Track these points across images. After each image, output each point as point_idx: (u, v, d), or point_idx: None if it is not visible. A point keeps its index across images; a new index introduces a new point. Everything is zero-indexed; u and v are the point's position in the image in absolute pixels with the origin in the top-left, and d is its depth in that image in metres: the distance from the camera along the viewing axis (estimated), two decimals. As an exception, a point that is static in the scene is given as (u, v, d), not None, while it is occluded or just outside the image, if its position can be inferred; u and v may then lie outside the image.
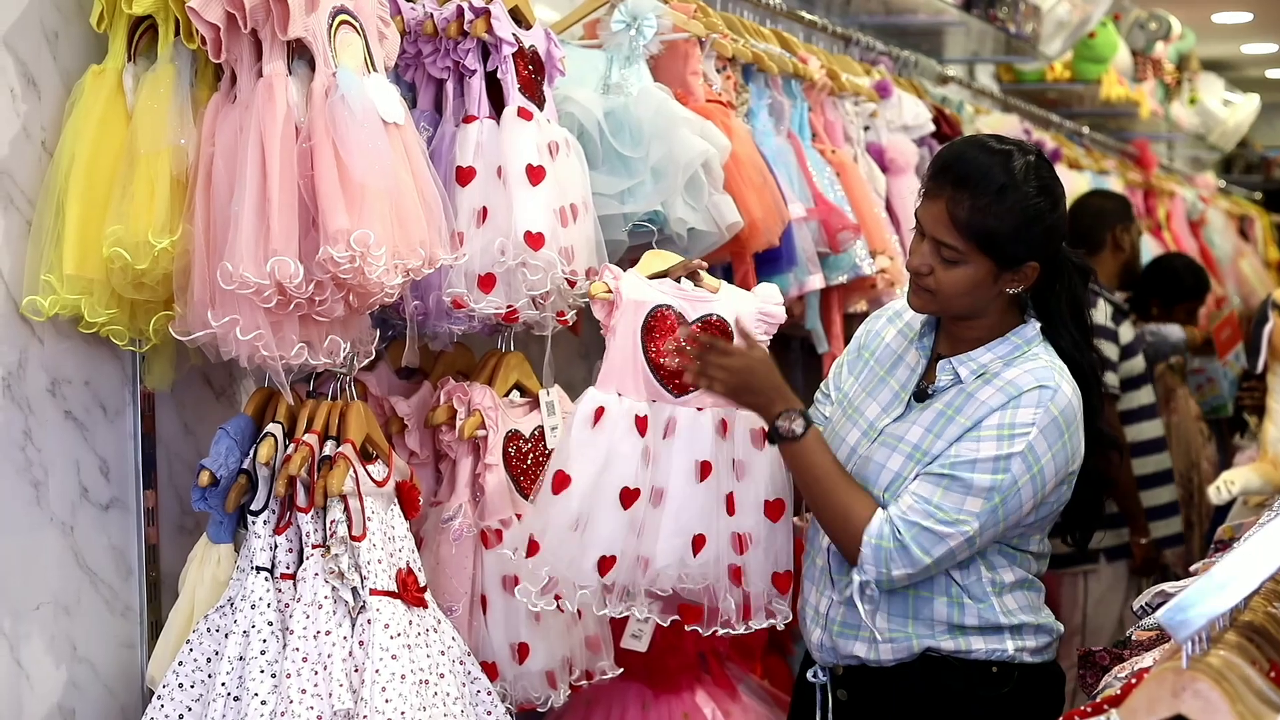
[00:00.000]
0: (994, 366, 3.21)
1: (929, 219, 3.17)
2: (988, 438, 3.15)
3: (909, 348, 3.36)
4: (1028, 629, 3.30)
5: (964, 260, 3.14)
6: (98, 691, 3.32)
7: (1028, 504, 3.18)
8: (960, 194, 3.12)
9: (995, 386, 3.18)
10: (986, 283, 3.18)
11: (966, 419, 3.18)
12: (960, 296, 3.19)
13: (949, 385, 3.24)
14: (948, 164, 3.20)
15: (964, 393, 3.21)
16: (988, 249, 3.13)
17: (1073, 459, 3.22)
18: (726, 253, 4.16)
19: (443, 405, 3.59)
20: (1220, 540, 3.87)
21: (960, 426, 3.18)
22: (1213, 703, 1.98)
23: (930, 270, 3.18)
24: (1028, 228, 3.15)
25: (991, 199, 3.12)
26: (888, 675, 3.28)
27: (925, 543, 3.14)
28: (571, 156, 3.64)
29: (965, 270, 3.16)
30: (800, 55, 4.86)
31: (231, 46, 3.10)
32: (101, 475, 3.32)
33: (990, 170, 3.15)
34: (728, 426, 3.37)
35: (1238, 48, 14.13)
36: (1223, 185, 13.33)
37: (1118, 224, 6.17)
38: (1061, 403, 3.18)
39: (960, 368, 3.23)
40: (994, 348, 3.24)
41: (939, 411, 3.22)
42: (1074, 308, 3.33)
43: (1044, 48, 7.61)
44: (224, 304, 3.00)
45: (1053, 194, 3.21)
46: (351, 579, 3.18)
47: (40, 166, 3.17)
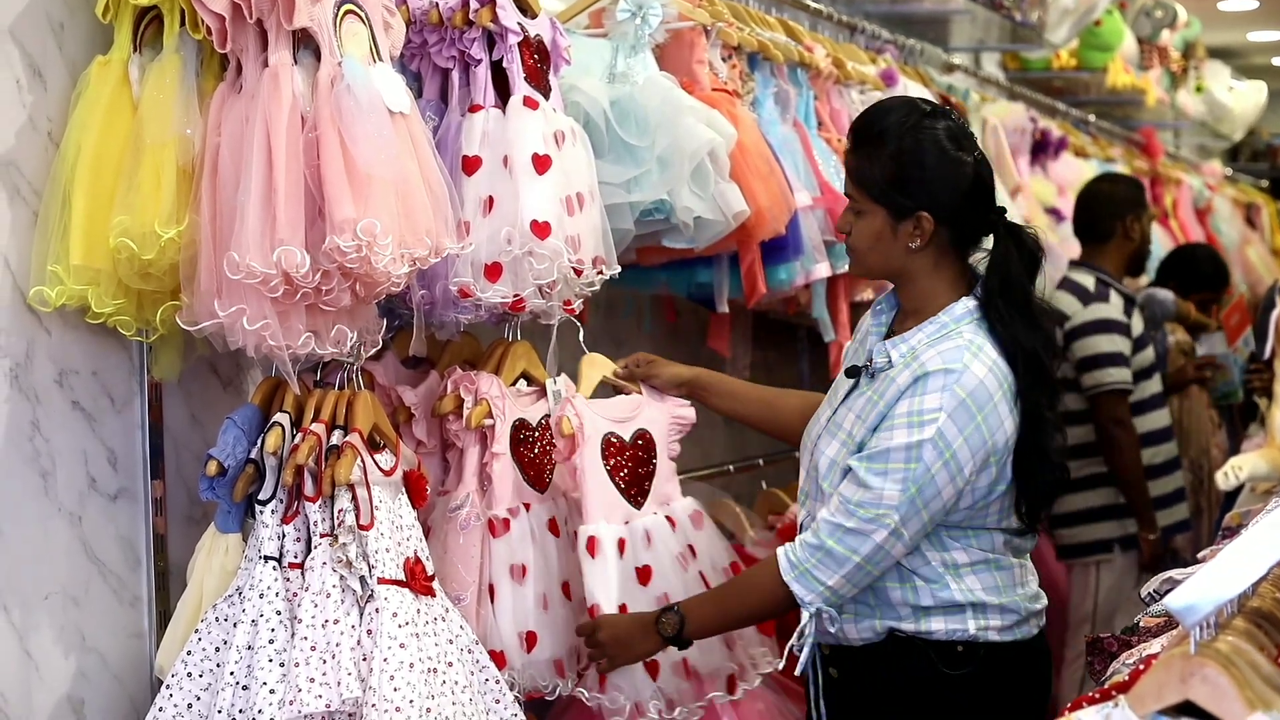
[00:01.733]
0: (919, 348, 3.27)
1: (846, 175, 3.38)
2: (899, 425, 3.21)
3: (870, 328, 3.47)
4: (991, 609, 3.34)
5: (865, 212, 3.31)
6: (106, 681, 3.33)
7: (946, 489, 3.22)
8: (855, 148, 3.34)
9: (911, 370, 3.24)
10: (888, 234, 3.30)
11: (885, 404, 3.25)
12: (870, 251, 3.33)
13: (884, 368, 3.30)
14: (852, 125, 3.42)
15: (889, 378, 3.27)
16: (877, 196, 3.29)
17: (990, 440, 3.23)
18: (733, 241, 4.16)
19: (450, 394, 3.59)
20: (1228, 527, 3.87)
21: (879, 413, 3.25)
22: (1221, 688, 1.98)
23: (848, 229, 3.37)
24: (905, 173, 3.26)
25: (873, 147, 3.30)
26: (861, 655, 3.38)
27: (850, 542, 3.22)
28: (578, 145, 3.64)
29: (867, 221, 3.31)
30: (806, 43, 4.85)
31: (237, 36, 3.10)
32: (109, 465, 3.32)
33: (873, 122, 3.35)
34: (674, 521, 3.71)
35: (1244, 35, 14.15)
36: (1229, 173, 13.32)
37: (1128, 213, 6.12)
38: (970, 384, 3.21)
39: (893, 350, 3.30)
40: (924, 328, 3.30)
41: (868, 397, 3.29)
42: (1006, 283, 3.34)
43: (1050, 35, 7.60)
44: (231, 294, 3.00)
45: (939, 145, 3.29)
46: (359, 568, 3.18)
47: (46, 157, 3.17)
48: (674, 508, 3.75)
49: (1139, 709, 2.03)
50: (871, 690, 3.41)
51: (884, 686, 3.38)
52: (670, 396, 3.80)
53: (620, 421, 3.69)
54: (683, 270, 4.45)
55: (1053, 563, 6.43)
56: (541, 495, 3.67)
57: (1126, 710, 2.04)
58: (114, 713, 3.34)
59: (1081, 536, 5.96)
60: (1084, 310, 5.87)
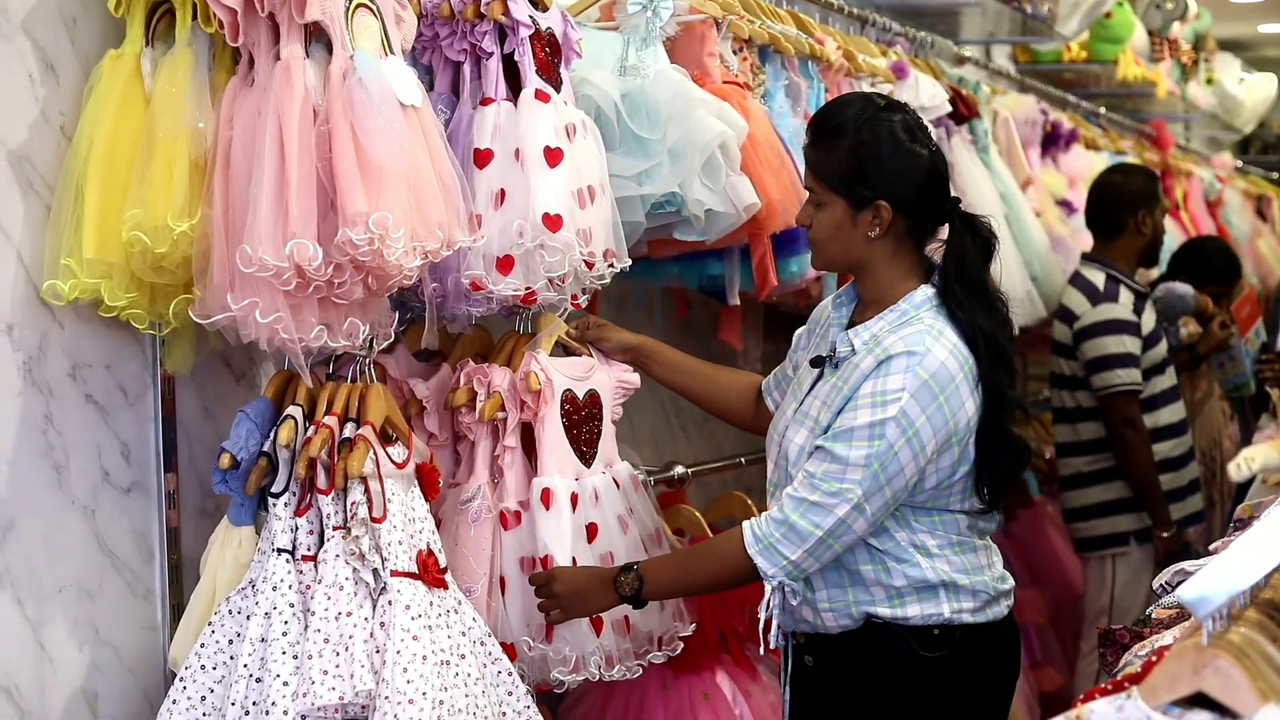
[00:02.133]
0: (881, 335, 3.37)
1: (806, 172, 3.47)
2: (863, 406, 3.29)
3: (832, 327, 3.55)
4: (964, 590, 3.42)
5: (825, 203, 3.41)
6: (120, 674, 3.33)
7: (909, 467, 3.30)
8: (813, 143, 3.45)
9: (874, 355, 3.33)
10: (847, 224, 3.40)
11: (850, 389, 3.34)
12: (831, 241, 3.43)
13: (847, 356, 3.40)
14: (810, 121, 3.55)
15: (853, 365, 3.37)
16: (837, 187, 3.39)
17: (952, 420, 3.32)
18: (744, 234, 4.17)
19: (462, 387, 3.59)
20: (1240, 518, 3.86)
21: (844, 397, 3.34)
22: (1234, 680, 1.98)
23: (808, 222, 3.46)
24: (864, 164, 3.37)
25: (831, 140, 3.41)
26: (838, 643, 3.45)
27: (813, 516, 3.30)
28: (589, 138, 3.64)
29: (828, 213, 3.41)
30: (817, 36, 4.85)
31: (249, 30, 3.11)
32: (122, 459, 3.33)
33: (830, 116, 3.48)
34: (618, 482, 3.73)
35: (1254, 27, 14.12)
36: (1240, 165, 13.29)
37: (1141, 208, 6.08)
38: (932, 366, 3.30)
39: (855, 339, 3.40)
40: (885, 316, 3.40)
41: (833, 384, 3.39)
42: (962, 270, 3.44)
43: (1060, 28, 7.58)
44: (243, 287, 3.01)
45: (894, 137, 3.41)
46: (372, 560, 3.19)
47: (59, 151, 3.18)
48: (618, 469, 3.76)
49: (1151, 700, 2.04)
50: (849, 677, 3.47)
51: (862, 673, 3.44)
52: (616, 362, 3.81)
53: (576, 380, 3.68)
54: (694, 263, 4.45)
55: (1069, 556, 6.43)
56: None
57: (1139, 701, 2.04)
58: (127, 705, 3.35)
59: (1098, 530, 5.96)
60: (1093, 310, 5.86)
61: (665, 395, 5.21)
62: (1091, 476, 5.89)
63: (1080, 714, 2.08)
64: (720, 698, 4.19)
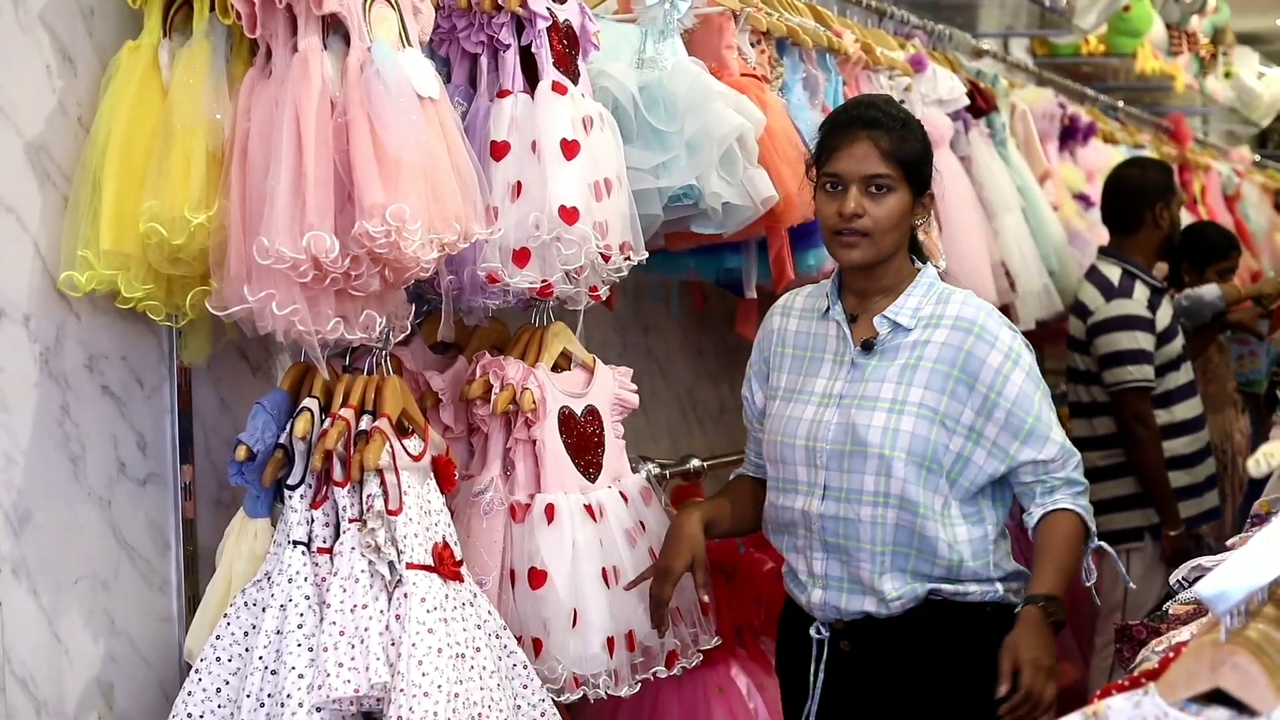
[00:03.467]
0: (926, 309, 3.49)
1: (853, 162, 3.45)
2: (1007, 367, 3.44)
3: (822, 322, 3.60)
4: (1011, 573, 3.53)
5: (893, 188, 3.45)
6: (136, 665, 3.34)
7: None
8: (876, 132, 3.45)
9: (947, 327, 3.47)
10: (906, 214, 3.48)
11: (935, 361, 3.45)
12: (891, 231, 3.45)
13: (893, 334, 3.48)
14: (854, 116, 3.53)
15: (918, 341, 3.47)
16: (909, 174, 3.46)
17: None
18: (761, 227, 4.16)
19: (478, 380, 3.59)
20: (1256, 514, 3.85)
21: (931, 370, 3.44)
22: (1251, 676, 1.97)
23: (863, 212, 3.43)
24: (927, 156, 3.54)
25: (903, 128, 3.49)
26: (893, 624, 3.48)
27: (1080, 473, 3.55)
28: (606, 131, 3.64)
29: (895, 199, 3.45)
30: (835, 29, 4.84)
31: (266, 21, 3.11)
32: (139, 450, 3.34)
33: (891, 111, 3.55)
34: (626, 497, 3.71)
35: (1273, 21, 14.09)
36: (1258, 159, 13.27)
37: (1158, 201, 6.05)
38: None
39: (896, 317, 3.48)
40: (912, 294, 3.51)
41: (903, 365, 3.46)
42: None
43: (1079, 21, 7.57)
44: (260, 279, 3.01)
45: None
46: (388, 553, 3.19)
47: (76, 143, 3.18)
48: (626, 484, 3.74)
49: (1169, 696, 2.03)
50: (893, 658, 3.50)
51: (910, 652, 3.48)
52: (619, 377, 3.80)
53: (574, 396, 3.67)
54: (711, 256, 4.44)
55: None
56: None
57: (1156, 698, 2.04)
58: (143, 696, 3.35)
59: (1112, 525, 5.94)
60: (1106, 306, 5.84)
61: (681, 389, 5.21)
62: (1106, 471, 5.87)
63: (1097, 710, 2.07)
64: (735, 692, 4.19)
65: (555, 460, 3.59)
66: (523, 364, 3.61)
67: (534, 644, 3.51)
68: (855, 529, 3.45)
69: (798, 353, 3.62)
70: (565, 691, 3.54)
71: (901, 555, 3.46)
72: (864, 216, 3.42)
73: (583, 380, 3.74)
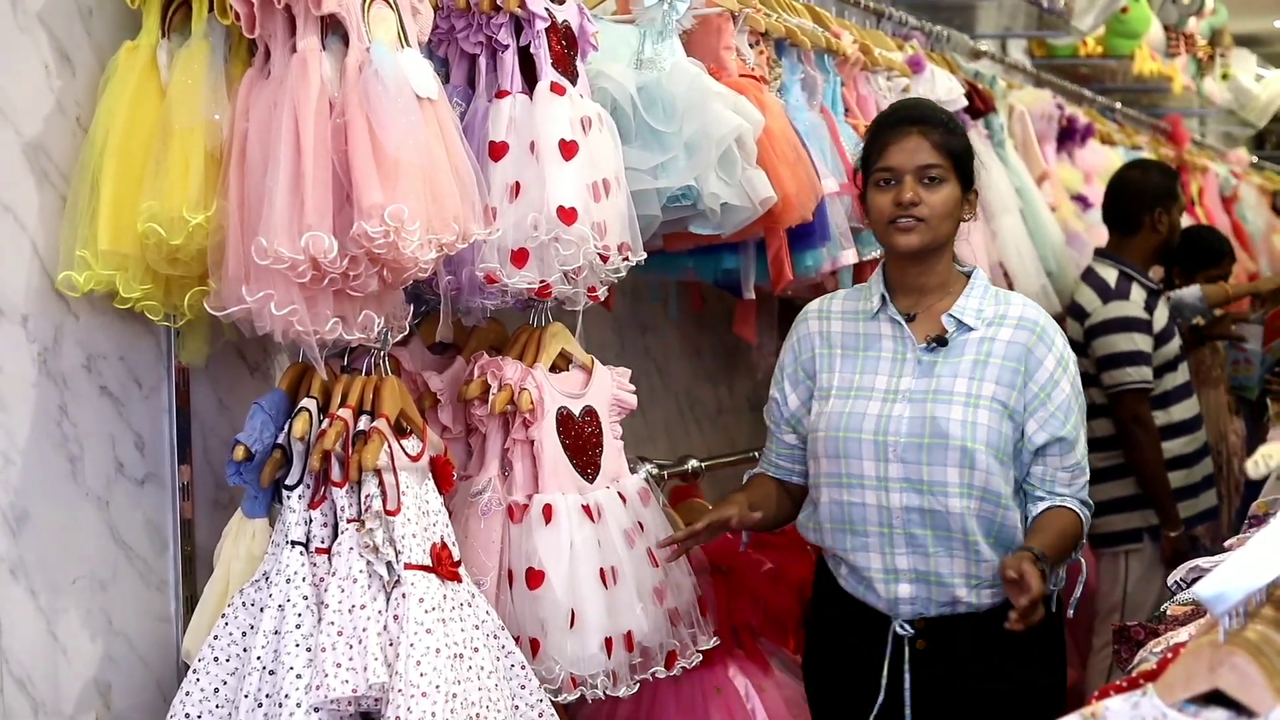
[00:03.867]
0: (988, 309, 3.63)
1: (906, 155, 3.58)
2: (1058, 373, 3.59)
3: (873, 322, 3.70)
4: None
5: (946, 178, 3.59)
6: (133, 665, 3.34)
7: None
8: (927, 127, 3.60)
9: (1011, 326, 3.61)
10: (957, 206, 3.61)
11: (1003, 359, 3.58)
12: (946, 218, 3.59)
13: (959, 333, 3.60)
14: (904, 115, 3.69)
15: (984, 338, 3.60)
16: (958, 168, 3.61)
17: None
18: (760, 228, 4.16)
19: (476, 380, 3.59)
20: (1254, 515, 3.85)
21: (1000, 366, 3.57)
22: (1250, 677, 1.97)
23: (919, 200, 3.55)
24: (972, 153, 3.69)
25: (948, 128, 3.65)
26: (975, 619, 3.59)
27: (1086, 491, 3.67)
28: (604, 132, 3.64)
29: (947, 188, 3.59)
30: (833, 30, 4.84)
31: (265, 22, 3.11)
32: (137, 450, 3.33)
33: (936, 109, 3.76)
34: (624, 497, 3.72)
35: (1271, 23, 14.10)
36: (1255, 161, 13.27)
37: (1157, 205, 6.04)
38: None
39: (961, 316, 3.61)
40: (971, 295, 3.65)
41: (972, 361, 3.58)
42: None
43: (1077, 22, 7.58)
44: (258, 279, 3.01)
45: None
46: (386, 553, 3.19)
47: (75, 142, 3.18)
48: (624, 484, 3.75)
49: (1167, 697, 2.03)
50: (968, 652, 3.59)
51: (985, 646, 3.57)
52: (617, 378, 3.80)
53: (572, 397, 3.69)
54: (709, 256, 4.44)
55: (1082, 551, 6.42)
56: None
57: (1154, 699, 2.04)
58: (140, 696, 3.35)
59: (1110, 526, 5.94)
60: (1103, 308, 5.84)
61: (679, 390, 5.21)
62: (1105, 473, 5.86)
63: (1095, 711, 2.07)
64: (732, 692, 4.19)
65: (553, 461, 3.59)
66: (521, 364, 3.62)
67: (532, 644, 3.51)
68: (945, 520, 3.54)
69: (848, 352, 3.69)
70: (563, 692, 3.53)
71: (989, 545, 3.55)
72: (920, 204, 3.55)
73: (581, 381, 3.74)
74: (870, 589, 3.62)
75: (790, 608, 4.42)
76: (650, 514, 3.80)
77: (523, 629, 3.52)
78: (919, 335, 3.62)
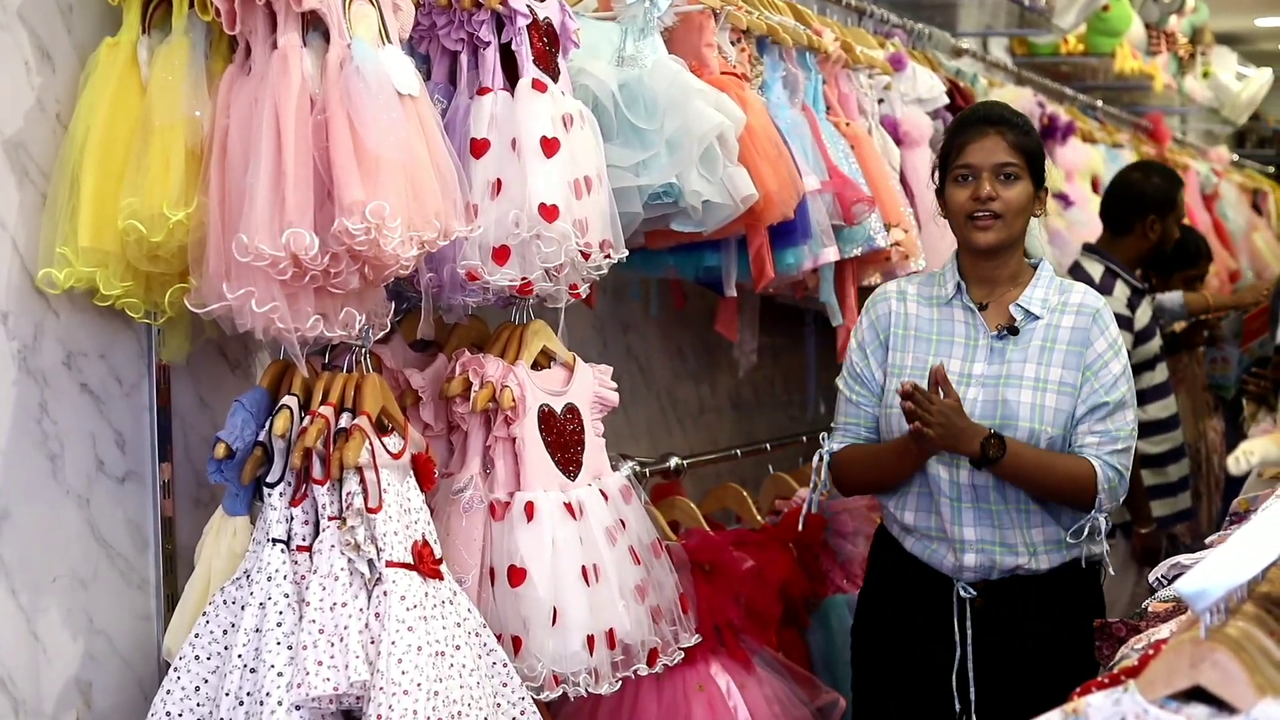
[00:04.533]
0: (1053, 298, 3.89)
1: (984, 154, 3.85)
2: (1109, 355, 3.85)
3: (947, 309, 3.94)
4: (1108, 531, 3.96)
5: (1020, 175, 3.86)
6: (114, 664, 3.33)
7: None
8: (1003, 128, 3.88)
9: (1073, 312, 3.88)
10: (1030, 203, 3.89)
11: (1068, 344, 3.84)
12: (1020, 214, 3.87)
13: (1027, 321, 3.86)
14: (982, 116, 3.96)
15: (1049, 325, 3.86)
16: (1031, 166, 3.89)
17: None
18: (741, 225, 4.16)
19: (457, 377, 3.59)
20: (1235, 512, 3.87)
21: (1065, 351, 3.84)
22: (1231, 673, 1.97)
23: (996, 196, 3.83)
24: (1043, 153, 3.98)
25: (1023, 129, 3.92)
26: (1034, 581, 3.88)
27: (1126, 461, 3.84)
28: (586, 129, 3.63)
29: (1022, 185, 3.86)
30: (814, 28, 4.85)
31: (246, 18, 3.10)
32: (117, 448, 3.33)
33: (1011, 111, 4.01)
34: (606, 495, 3.73)
35: (1251, 21, 14.13)
36: (1236, 159, 13.30)
37: (1151, 212, 6.03)
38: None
39: (1029, 306, 3.87)
40: (1038, 285, 3.91)
41: (1039, 346, 3.85)
42: None
43: (1058, 21, 7.58)
44: (239, 276, 3.00)
45: None
46: (367, 551, 3.18)
47: (55, 139, 3.17)
48: (606, 482, 3.77)
49: (1149, 694, 2.03)
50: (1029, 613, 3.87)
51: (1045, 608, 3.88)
52: (599, 375, 3.83)
53: (554, 394, 3.70)
54: (690, 254, 4.44)
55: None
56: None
57: (1136, 695, 2.04)
58: (121, 695, 3.34)
59: (1082, 521, 5.95)
60: None
61: (661, 387, 5.21)
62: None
63: (1077, 707, 2.08)
64: (715, 690, 4.19)
65: (535, 458, 3.59)
66: (502, 362, 3.61)
67: (514, 642, 3.51)
68: (1012, 493, 3.82)
69: (922, 335, 3.93)
70: (545, 689, 3.53)
71: (1052, 512, 3.84)
72: (997, 200, 3.82)
73: (563, 378, 3.74)
74: (938, 556, 3.90)
75: (772, 606, 4.42)
76: (632, 512, 3.80)
77: (505, 627, 3.51)
78: (990, 323, 3.88)
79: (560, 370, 3.76)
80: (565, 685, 3.56)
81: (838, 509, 4.93)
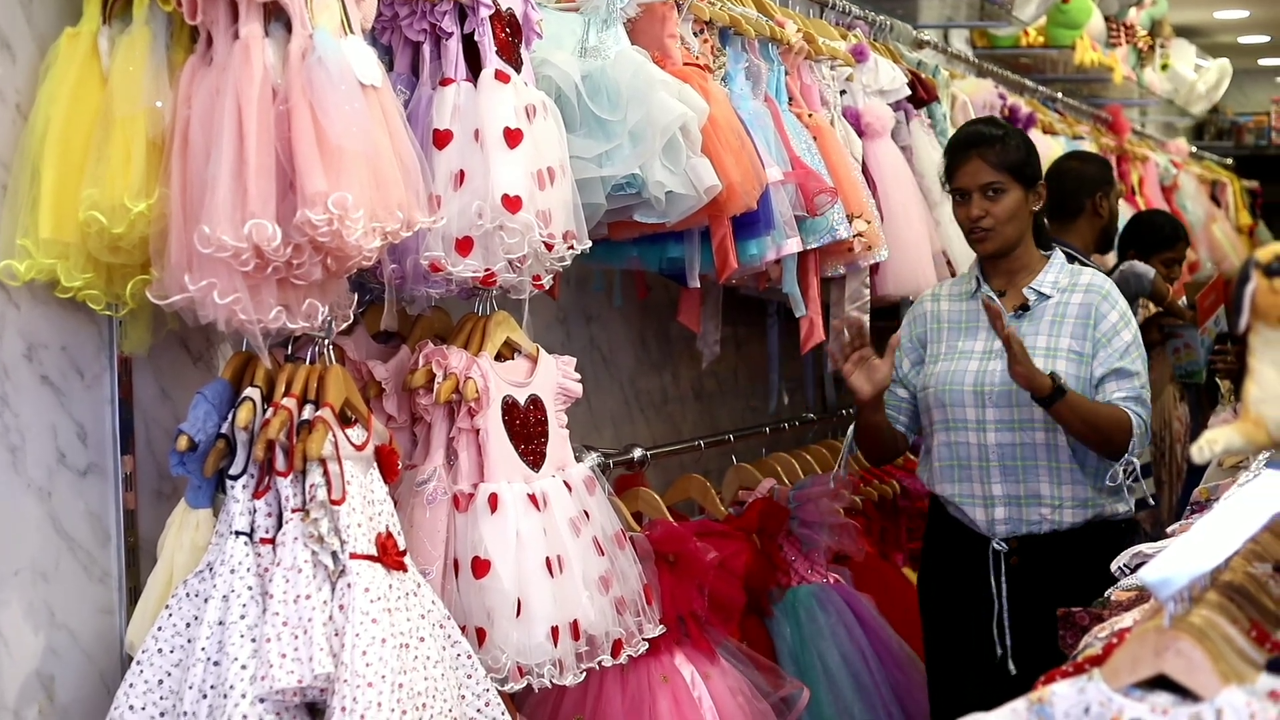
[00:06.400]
0: (1063, 281, 4.43)
1: (970, 176, 4.38)
2: (1120, 325, 4.35)
3: (973, 300, 4.47)
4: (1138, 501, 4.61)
5: (1006, 189, 4.36)
6: (76, 657, 3.31)
7: None
8: (984, 149, 4.38)
9: (1081, 291, 4.40)
10: (1023, 206, 4.40)
11: (1078, 318, 4.36)
12: (1011, 221, 4.38)
13: (1038, 301, 4.39)
14: (964, 141, 4.49)
15: (1059, 303, 4.39)
16: (1017, 176, 4.37)
17: None
18: (704, 216, 4.16)
19: (421, 369, 3.58)
20: (1196, 501, 3.88)
21: (1074, 323, 4.36)
22: (1195, 662, 1.98)
23: (985, 213, 4.36)
24: (1030, 154, 4.46)
25: (1001, 140, 4.41)
26: (1060, 537, 4.36)
27: (1147, 414, 4.34)
28: (549, 120, 3.63)
29: (1008, 198, 4.37)
30: (777, 19, 4.85)
31: (207, 8, 3.08)
32: (79, 441, 3.31)
33: (992, 129, 4.53)
34: (570, 485, 3.74)
35: (1210, 14, 14.19)
36: (1195, 151, 13.35)
37: (1097, 190, 6.10)
38: None
39: (1040, 288, 4.42)
40: (1049, 271, 4.45)
41: (1050, 320, 4.38)
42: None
43: (1018, 13, 7.60)
44: (201, 268, 2.98)
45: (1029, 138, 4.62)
46: (331, 543, 3.17)
47: (15, 130, 3.15)
48: (570, 473, 3.78)
49: (1113, 682, 2.04)
50: (1056, 567, 4.32)
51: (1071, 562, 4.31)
52: (562, 366, 3.84)
53: (517, 386, 3.70)
54: (654, 245, 4.43)
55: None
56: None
57: (1100, 684, 2.05)
58: (84, 689, 3.32)
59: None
60: None
61: (625, 378, 5.21)
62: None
63: (1042, 696, 2.08)
64: (679, 680, 4.19)
65: (499, 449, 3.59)
66: (466, 353, 3.61)
67: (478, 633, 3.50)
68: (1032, 451, 4.35)
69: (952, 325, 4.50)
70: (509, 681, 3.53)
71: (1074, 470, 4.33)
72: (986, 216, 4.36)
73: (526, 369, 3.73)
74: (972, 514, 4.39)
75: (735, 596, 4.43)
76: (596, 503, 3.79)
77: (469, 618, 3.51)
78: (1008, 306, 4.40)
79: (524, 361, 3.75)
80: (530, 677, 3.56)
81: (802, 499, 4.94)
